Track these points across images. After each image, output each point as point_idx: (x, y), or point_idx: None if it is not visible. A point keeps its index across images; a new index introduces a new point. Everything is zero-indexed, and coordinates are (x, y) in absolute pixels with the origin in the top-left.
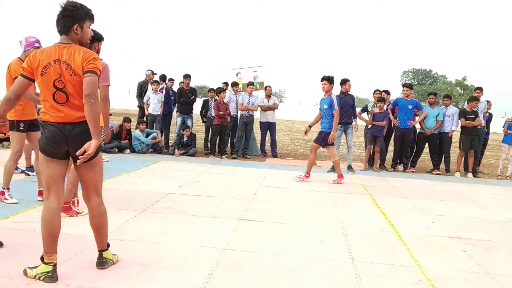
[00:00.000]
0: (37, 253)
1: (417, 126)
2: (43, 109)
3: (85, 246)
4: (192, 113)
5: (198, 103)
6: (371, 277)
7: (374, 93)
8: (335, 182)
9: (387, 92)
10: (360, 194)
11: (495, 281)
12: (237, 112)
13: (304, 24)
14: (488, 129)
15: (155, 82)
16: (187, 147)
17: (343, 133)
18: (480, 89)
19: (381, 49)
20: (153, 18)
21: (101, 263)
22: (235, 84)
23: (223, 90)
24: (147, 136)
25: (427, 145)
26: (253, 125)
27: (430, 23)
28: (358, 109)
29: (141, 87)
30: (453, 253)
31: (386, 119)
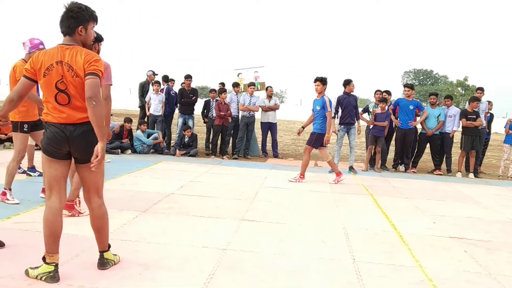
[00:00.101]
0: (38, 254)
1: (418, 126)
2: (45, 110)
3: (87, 246)
4: (193, 113)
5: (199, 104)
6: (373, 277)
7: (375, 94)
8: (336, 181)
9: (388, 93)
10: (361, 194)
11: (496, 281)
12: (238, 112)
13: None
14: (489, 129)
15: (156, 82)
16: (188, 147)
17: (346, 134)
18: (481, 89)
19: (381, 49)
20: (153, 18)
21: (102, 264)
22: (236, 85)
23: (224, 91)
24: (148, 137)
25: (428, 145)
26: (254, 126)
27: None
28: (359, 109)
29: (142, 87)
30: (454, 253)
31: (388, 120)
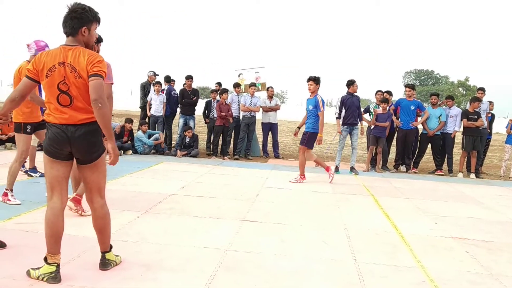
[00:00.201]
0: (40, 254)
1: (420, 126)
2: (47, 110)
3: (88, 247)
4: (194, 114)
5: (200, 104)
6: (374, 278)
7: (376, 94)
8: (330, 176)
9: (390, 93)
10: (362, 195)
11: (498, 282)
12: (239, 113)
13: (306, 25)
14: (490, 129)
15: (157, 83)
16: (189, 148)
17: (348, 134)
18: (482, 89)
19: (381, 49)
20: (153, 18)
21: (104, 264)
22: (237, 85)
23: (225, 91)
24: (149, 137)
25: (429, 145)
26: (255, 126)
27: (431, 23)
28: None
29: (144, 88)
30: (456, 254)
31: (390, 120)
